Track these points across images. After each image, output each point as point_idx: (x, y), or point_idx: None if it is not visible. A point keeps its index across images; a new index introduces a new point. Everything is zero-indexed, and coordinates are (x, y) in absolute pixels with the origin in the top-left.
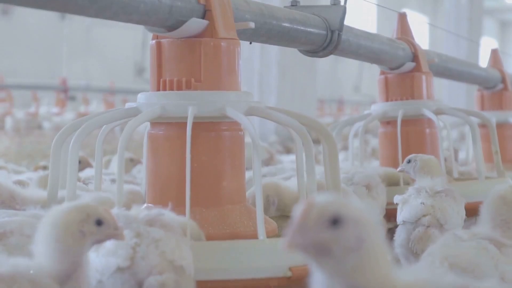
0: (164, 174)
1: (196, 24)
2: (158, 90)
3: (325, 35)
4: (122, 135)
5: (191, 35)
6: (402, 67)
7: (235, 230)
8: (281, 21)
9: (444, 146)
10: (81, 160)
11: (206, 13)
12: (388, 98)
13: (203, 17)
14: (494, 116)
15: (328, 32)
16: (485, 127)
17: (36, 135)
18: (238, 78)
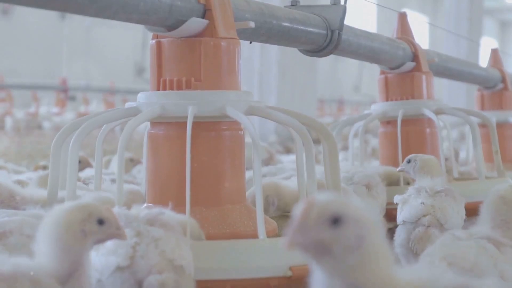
0: (164, 173)
1: (196, 23)
2: (158, 89)
3: (325, 34)
4: (122, 135)
5: (191, 35)
6: (402, 66)
7: (235, 229)
8: (281, 20)
9: (444, 146)
10: (81, 160)
11: (206, 12)
12: (388, 98)
13: (203, 16)
14: (494, 116)
15: (328, 31)
16: (485, 127)
17: (36, 135)
18: (238, 77)
